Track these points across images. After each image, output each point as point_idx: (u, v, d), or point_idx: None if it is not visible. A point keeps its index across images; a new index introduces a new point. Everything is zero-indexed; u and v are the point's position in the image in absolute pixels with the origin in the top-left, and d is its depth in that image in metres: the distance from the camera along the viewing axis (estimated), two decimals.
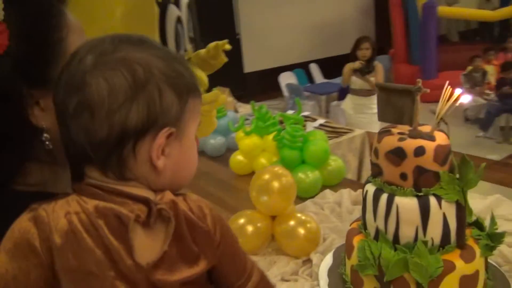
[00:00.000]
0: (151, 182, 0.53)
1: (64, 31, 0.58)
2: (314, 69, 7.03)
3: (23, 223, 0.49)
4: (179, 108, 0.53)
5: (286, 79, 6.40)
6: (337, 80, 6.41)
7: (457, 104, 1.00)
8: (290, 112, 3.30)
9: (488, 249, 1.08)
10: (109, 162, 0.51)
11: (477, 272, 1.05)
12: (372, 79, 4.00)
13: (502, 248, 1.27)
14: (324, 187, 1.85)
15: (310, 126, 3.33)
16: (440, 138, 1.04)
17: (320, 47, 7.79)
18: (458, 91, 1.00)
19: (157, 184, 0.54)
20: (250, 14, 6.95)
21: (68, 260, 0.48)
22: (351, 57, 4.01)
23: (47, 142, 0.56)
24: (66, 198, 0.51)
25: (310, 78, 6.91)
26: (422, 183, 1.03)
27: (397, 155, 1.03)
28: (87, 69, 0.50)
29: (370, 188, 1.11)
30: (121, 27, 1.11)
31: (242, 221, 1.37)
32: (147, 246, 0.51)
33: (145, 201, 0.51)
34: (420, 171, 1.02)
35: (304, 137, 2.31)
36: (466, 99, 0.99)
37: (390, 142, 1.05)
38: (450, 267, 1.02)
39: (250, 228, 1.35)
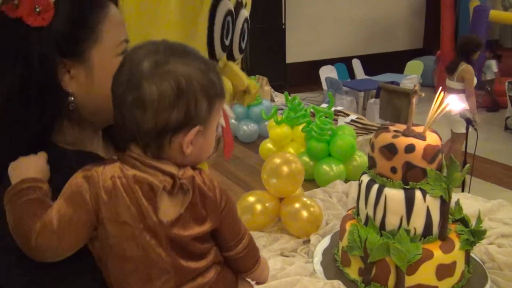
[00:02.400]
0: (178, 161, 0.69)
1: (101, 19, 0.72)
2: (356, 64, 7.03)
3: (78, 179, 0.64)
4: (208, 111, 0.68)
5: (327, 72, 6.45)
6: (378, 77, 6.41)
7: (447, 109, 1.09)
8: (325, 105, 3.40)
9: (468, 244, 1.18)
10: (150, 145, 0.67)
11: (454, 263, 1.15)
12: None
13: (490, 247, 1.36)
14: (347, 181, 1.93)
15: (342, 120, 3.41)
16: (431, 139, 1.14)
17: (364, 43, 7.77)
18: (449, 98, 1.10)
19: (183, 162, 0.69)
20: (298, 4, 7.01)
21: (111, 212, 0.64)
22: None
23: (71, 104, 0.71)
24: (112, 164, 0.66)
25: (351, 74, 6.93)
26: (410, 177, 1.13)
27: (389, 150, 1.14)
28: (144, 75, 0.64)
29: (365, 179, 1.22)
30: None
31: (252, 199, 1.51)
32: (169, 208, 0.66)
33: (171, 175, 0.67)
34: (408, 166, 1.13)
35: (332, 131, 2.40)
36: (456, 106, 1.08)
37: (385, 138, 1.16)
38: (428, 255, 1.12)
39: (258, 207, 1.49)
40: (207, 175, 0.71)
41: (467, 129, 3.05)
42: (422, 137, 1.13)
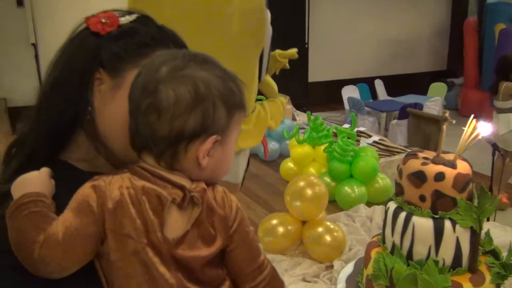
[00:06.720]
0: (192, 174, 0.66)
1: (156, 54, 0.71)
2: (379, 85, 6.99)
3: (86, 189, 0.62)
4: (226, 120, 0.65)
5: (349, 92, 6.42)
6: (401, 99, 6.36)
7: (480, 137, 1.06)
8: (347, 126, 3.37)
9: (499, 277, 1.13)
10: (164, 154, 0.64)
11: None
12: None
13: None
14: (369, 203, 1.90)
15: (364, 141, 3.37)
16: (462, 167, 1.11)
17: (387, 64, 7.73)
18: (481, 124, 1.07)
19: (197, 176, 0.66)
20: (321, 24, 7.04)
21: (114, 223, 0.61)
22: None
23: (89, 113, 0.71)
24: (121, 175, 0.64)
25: (374, 94, 6.89)
26: (439, 206, 1.10)
27: (418, 177, 1.11)
28: (161, 79, 0.62)
29: (392, 206, 1.19)
30: (237, 41, 1.29)
31: (274, 222, 1.49)
32: (176, 224, 0.63)
33: (181, 188, 0.64)
34: (438, 195, 1.10)
35: (354, 152, 2.38)
36: (486, 131, 1.05)
37: (414, 165, 1.13)
38: None
39: (281, 229, 1.47)
40: (220, 192, 0.67)
41: (493, 154, 2.99)
42: (452, 165, 1.10)
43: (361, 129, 3.81)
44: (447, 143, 1.15)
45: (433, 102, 5.96)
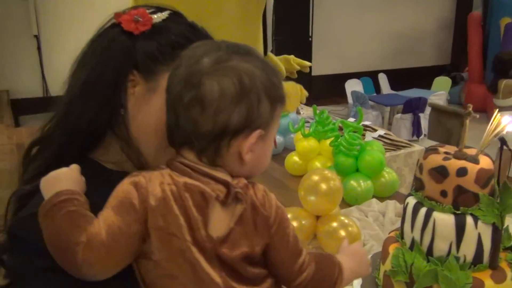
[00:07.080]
0: (234, 170, 0.64)
1: (193, 44, 0.69)
2: (383, 79, 6.96)
3: (126, 186, 0.60)
4: (270, 114, 0.64)
5: (352, 86, 6.39)
6: (405, 93, 6.33)
7: (504, 132, 1.04)
8: (351, 120, 3.35)
9: None
10: (206, 150, 0.62)
11: None
12: None
13: None
14: (375, 198, 1.89)
15: (369, 136, 3.35)
16: (484, 162, 1.09)
17: (391, 58, 7.69)
18: (505, 119, 1.05)
19: (238, 172, 0.65)
20: (325, 18, 6.99)
21: (158, 221, 0.59)
22: None
23: (121, 116, 0.69)
24: (160, 171, 0.62)
25: (377, 88, 6.86)
26: (461, 202, 1.08)
27: (440, 173, 1.09)
28: (205, 71, 0.60)
29: (411, 201, 1.17)
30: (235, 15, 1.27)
31: (288, 216, 1.47)
32: (219, 222, 0.61)
33: (225, 183, 0.62)
34: (460, 190, 1.08)
35: (361, 146, 2.36)
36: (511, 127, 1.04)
37: (435, 159, 1.11)
38: (479, 285, 1.07)
39: (294, 224, 1.45)
40: (260, 190, 0.66)
41: (501, 149, 2.96)
42: (475, 160, 1.08)
43: (366, 123, 3.79)
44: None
45: (438, 97, 5.94)
